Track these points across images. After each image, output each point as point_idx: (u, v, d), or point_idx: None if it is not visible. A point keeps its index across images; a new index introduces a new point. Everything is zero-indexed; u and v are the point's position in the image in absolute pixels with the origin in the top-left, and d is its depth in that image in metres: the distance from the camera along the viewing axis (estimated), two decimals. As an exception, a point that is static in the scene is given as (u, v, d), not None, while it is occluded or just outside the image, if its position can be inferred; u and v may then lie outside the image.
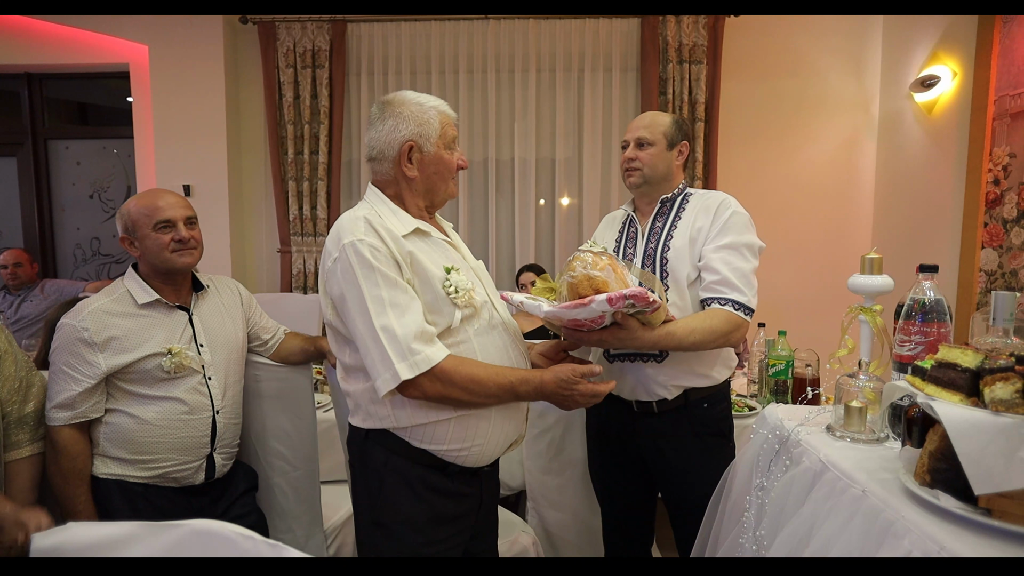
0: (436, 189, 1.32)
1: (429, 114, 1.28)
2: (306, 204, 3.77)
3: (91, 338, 1.43)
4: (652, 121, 1.61)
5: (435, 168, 1.30)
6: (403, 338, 1.14)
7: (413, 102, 1.29)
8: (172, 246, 1.52)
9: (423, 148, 1.28)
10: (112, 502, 1.49)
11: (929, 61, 3.18)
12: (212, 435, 1.57)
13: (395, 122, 1.27)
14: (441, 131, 1.29)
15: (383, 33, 3.70)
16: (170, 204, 1.54)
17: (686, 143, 1.63)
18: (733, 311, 1.45)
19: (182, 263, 1.54)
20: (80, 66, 3.85)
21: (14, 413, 1.44)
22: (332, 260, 1.20)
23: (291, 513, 1.81)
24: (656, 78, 3.57)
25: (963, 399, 0.82)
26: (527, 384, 1.23)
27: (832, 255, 3.73)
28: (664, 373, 1.55)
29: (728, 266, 1.48)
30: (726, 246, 1.50)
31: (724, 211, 1.54)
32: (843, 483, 0.98)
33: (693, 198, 1.61)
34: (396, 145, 1.27)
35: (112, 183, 4.10)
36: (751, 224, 1.55)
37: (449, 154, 1.31)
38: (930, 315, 1.10)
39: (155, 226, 1.52)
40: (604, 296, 1.20)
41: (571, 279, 1.26)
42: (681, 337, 1.39)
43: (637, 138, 1.60)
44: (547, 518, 2.04)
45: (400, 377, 1.13)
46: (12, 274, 3.41)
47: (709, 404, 1.58)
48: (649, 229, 1.62)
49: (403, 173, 1.28)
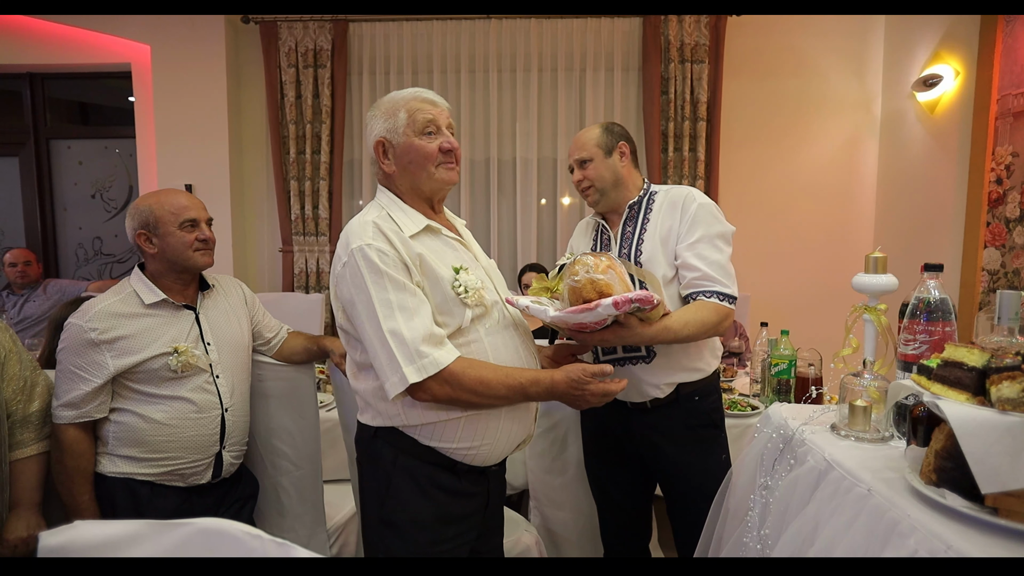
0: (418, 178, 1.29)
1: (397, 105, 1.29)
2: (308, 204, 3.77)
3: (98, 338, 1.44)
4: (583, 140, 1.62)
5: (409, 157, 1.28)
6: (411, 341, 1.14)
7: (387, 100, 1.30)
8: (196, 245, 1.55)
9: (392, 140, 1.28)
10: (116, 501, 1.49)
11: (931, 60, 3.18)
12: (222, 433, 1.57)
13: (372, 124, 1.30)
14: (408, 119, 1.27)
15: (385, 33, 3.70)
16: (195, 204, 1.58)
17: (623, 143, 1.63)
18: (719, 302, 1.49)
19: (203, 262, 1.58)
20: (82, 66, 3.85)
21: (19, 412, 1.44)
22: (341, 264, 1.21)
23: (294, 512, 1.82)
24: (658, 78, 3.57)
25: (969, 398, 0.82)
26: (538, 385, 1.23)
27: (834, 255, 3.74)
28: (654, 373, 1.57)
29: (705, 261, 1.50)
30: (699, 240, 1.52)
31: (690, 204, 1.55)
32: (848, 482, 0.98)
33: (658, 196, 1.62)
34: (371, 144, 1.31)
35: (114, 183, 4.11)
36: (718, 211, 1.57)
37: (421, 140, 1.27)
38: (935, 314, 1.10)
39: (181, 224, 1.54)
40: (610, 300, 1.20)
41: (574, 283, 1.26)
42: (677, 331, 1.41)
43: (576, 160, 1.62)
44: (550, 517, 2.05)
45: (408, 380, 1.14)
46: (21, 272, 3.41)
47: (700, 397, 1.61)
48: (621, 235, 1.63)
49: (383, 170, 1.31)
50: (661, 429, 1.61)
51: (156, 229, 1.54)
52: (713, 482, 1.43)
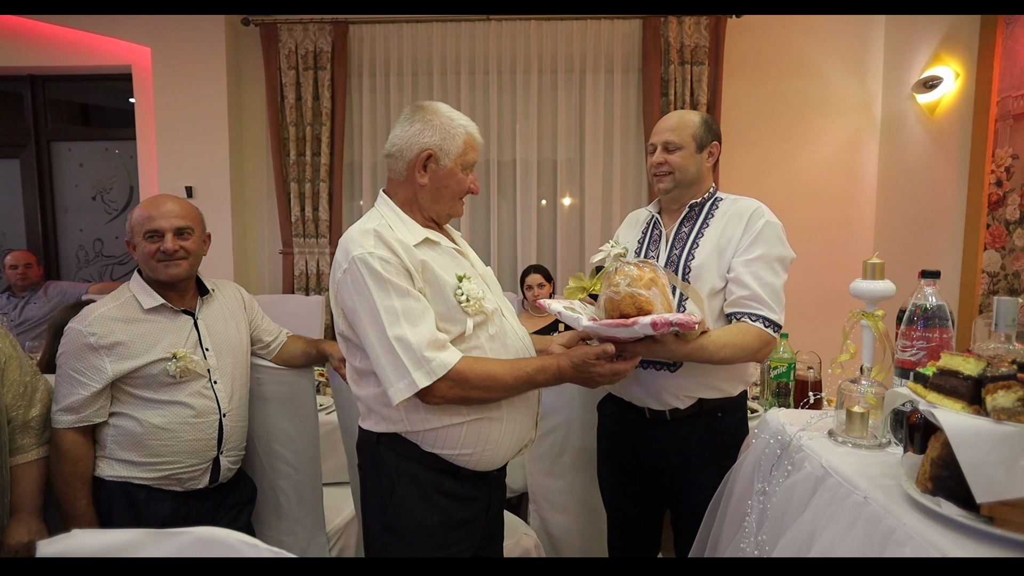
0: (442, 203, 1.32)
1: (457, 130, 1.29)
2: (308, 206, 3.77)
3: (97, 343, 1.44)
4: (680, 123, 1.53)
5: (446, 183, 1.30)
6: (417, 347, 1.15)
7: (445, 114, 1.30)
8: (158, 256, 1.51)
9: (440, 160, 1.28)
10: (114, 505, 1.49)
11: (931, 62, 3.18)
12: (219, 438, 1.57)
13: (422, 127, 1.28)
14: (463, 150, 1.30)
15: (385, 34, 3.71)
16: (163, 213, 1.52)
17: (716, 144, 1.55)
18: (764, 328, 1.41)
19: (166, 275, 1.52)
20: (83, 68, 3.86)
21: (19, 418, 1.45)
22: (342, 272, 1.21)
23: (293, 516, 1.82)
24: (658, 79, 3.57)
25: (965, 407, 0.82)
26: (545, 372, 1.24)
27: (834, 256, 3.73)
28: (677, 384, 1.50)
29: (759, 281, 1.42)
30: (757, 259, 1.44)
31: (757, 220, 1.47)
32: (845, 489, 0.98)
33: (723, 203, 1.54)
34: (415, 149, 1.28)
35: (115, 185, 4.11)
36: (783, 235, 1.48)
37: (464, 175, 1.31)
38: (932, 321, 1.10)
39: (145, 235, 1.52)
40: (648, 321, 1.17)
41: (614, 294, 1.22)
42: (712, 352, 1.35)
43: (665, 142, 1.52)
44: (549, 520, 2.05)
45: (417, 385, 1.15)
46: (22, 275, 3.42)
47: (724, 413, 1.54)
48: (675, 234, 1.56)
49: (414, 177, 1.29)
50: (678, 442, 1.53)
51: (132, 238, 1.54)
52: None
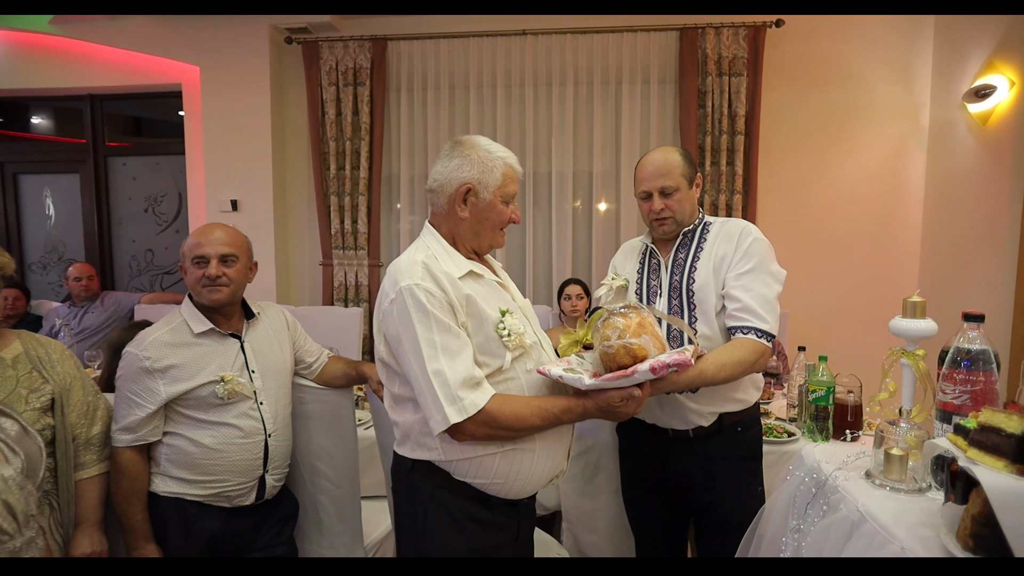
0: (483, 236, 1.35)
1: (495, 163, 1.32)
2: (347, 218, 3.87)
3: (152, 366, 1.53)
4: (667, 166, 1.57)
5: (487, 215, 1.33)
6: (453, 383, 1.19)
7: (483, 148, 1.33)
8: (203, 281, 1.60)
9: (479, 193, 1.31)
10: (168, 520, 1.58)
11: (984, 70, 3.06)
12: (265, 457, 1.64)
13: (460, 162, 1.31)
14: (502, 182, 1.32)
15: (422, 50, 3.77)
16: (210, 240, 1.61)
17: (699, 174, 1.64)
18: (756, 339, 1.47)
19: (209, 299, 1.61)
20: (137, 87, 4.06)
21: (83, 436, 1.54)
22: (389, 301, 1.25)
23: (333, 530, 1.88)
24: (695, 91, 3.54)
25: (1007, 465, 0.81)
26: (571, 413, 1.28)
27: (878, 273, 3.62)
28: (699, 402, 1.57)
29: (750, 293, 1.50)
30: (748, 272, 1.52)
31: (745, 238, 1.55)
32: (882, 537, 0.97)
33: (713, 227, 1.63)
34: (455, 184, 1.31)
35: (165, 197, 4.30)
36: (771, 251, 1.57)
37: (504, 206, 1.34)
38: (976, 364, 1.07)
39: (193, 260, 1.61)
40: (647, 367, 1.20)
41: (607, 348, 1.26)
42: (712, 375, 1.41)
43: (660, 188, 1.58)
44: (582, 540, 2.06)
45: (450, 421, 1.18)
46: (85, 286, 3.61)
47: (743, 428, 1.62)
48: (672, 261, 1.63)
49: (455, 211, 1.32)
50: (700, 459, 1.61)
51: (184, 262, 1.64)
52: (745, 514, 1.43)
